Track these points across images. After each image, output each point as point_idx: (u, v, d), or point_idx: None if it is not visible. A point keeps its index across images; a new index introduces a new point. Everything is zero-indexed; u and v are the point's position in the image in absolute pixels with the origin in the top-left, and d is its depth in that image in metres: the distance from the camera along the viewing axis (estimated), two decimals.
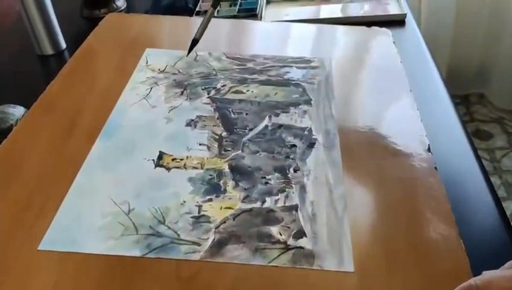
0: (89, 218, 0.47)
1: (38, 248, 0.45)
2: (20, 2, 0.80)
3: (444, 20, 1.85)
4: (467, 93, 2.08)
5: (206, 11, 0.90)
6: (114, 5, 0.97)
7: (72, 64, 0.71)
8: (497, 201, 0.52)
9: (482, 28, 1.90)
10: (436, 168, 0.54)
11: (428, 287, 0.42)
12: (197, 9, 0.92)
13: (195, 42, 0.62)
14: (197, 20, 0.85)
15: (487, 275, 0.35)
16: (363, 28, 0.80)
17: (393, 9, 0.91)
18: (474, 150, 0.59)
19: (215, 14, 0.88)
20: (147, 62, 0.71)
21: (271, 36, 0.80)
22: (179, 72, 0.69)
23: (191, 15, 0.91)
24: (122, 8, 0.98)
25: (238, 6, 0.92)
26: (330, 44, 0.77)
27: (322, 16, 0.91)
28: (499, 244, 0.48)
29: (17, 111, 0.64)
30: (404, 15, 0.89)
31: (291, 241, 0.46)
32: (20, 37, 0.86)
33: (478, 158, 0.58)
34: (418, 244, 0.45)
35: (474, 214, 0.51)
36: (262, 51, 0.74)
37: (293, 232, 0.46)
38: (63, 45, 0.85)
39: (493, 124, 1.97)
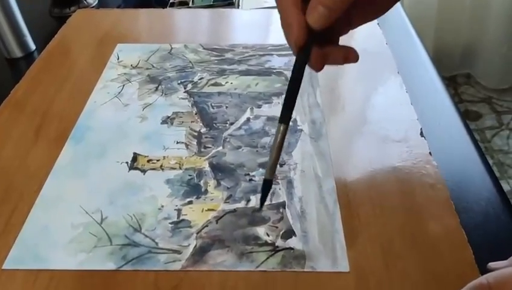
0: (58, 231, 0.43)
1: (3, 267, 0.40)
2: None
3: (428, 1, 1.82)
4: (454, 74, 2.06)
5: (180, 2, 0.86)
6: (85, 2, 0.92)
7: (39, 64, 0.67)
8: (497, 184, 0.49)
9: (466, 8, 1.87)
10: (430, 153, 0.50)
11: (431, 284, 0.39)
12: (170, 0, 0.88)
13: (268, 184, 0.37)
14: (171, 12, 0.82)
15: (500, 272, 0.32)
16: None
17: None
18: (469, 131, 0.56)
19: (190, 5, 0.84)
20: (118, 58, 0.66)
21: (250, 24, 0.76)
22: (153, 66, 0.65)
23: (164, 7, 0.86)
24: (94, 4, 0.93)
25: None
26: None
27: None
28: (503, 229, 0.44)
29: None
30: None
31: (279, 242, 0.42)
32: None
33: (473, 139, 0.54)
34: (417, 238, 0.42)
35: (475, 200, 0.47)
36: (242, 41, 0.70)
37: (281, 232, 0.43)
38: (32, 47, 0.80)
39: (482, 104, 1.94)
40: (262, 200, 0.38)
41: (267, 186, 0.37)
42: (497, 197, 0.46)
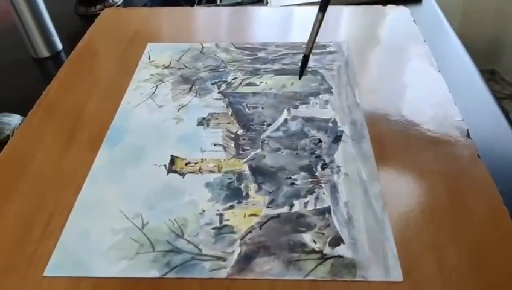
0: (99, 236, 0.42)
1: (44, 274, 0.40)
2: (11, 4, 0.74)
3: None
4: (479, 70, 2.01)
5: (208, 0, 0.85)
6: (110, 1, 0.92)
7: (69, 66, 0.66)
8: None
9: (492, 4, 1.84)
10: (479, 155, 0.48)
11: None
12: None
13: (306, 60, 0.55)
14: (200, 11, 0.80)
15: None
16: (379, 6, 0.74)
17: None
18: None
19: (218, 3, 0.83)
20: (149, 58, 0.65)
21: (280, 22, 0.74)
22: (185, 66, 0.63)
23: (192, 5, 0.85)
24: (119, 3, 0.92)
25: None
26: (345, 26, 0.71)
27: None
28: None
29: (13, 120, 0.59)
30: None
31: (327, 250, 0.40)
32: (14, 40, 0.81)
33: None
34: (472, 246, 0.40)
35: None
36: (273, 39, 0.69)
37: (328, 239, 0.41)
38: (59, 46, 0.80)
39: (507, 101, 1.90)
40: (302, 71, 0.55)
41: (305, 61, 0.56)
42: None
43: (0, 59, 0.79)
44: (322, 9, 0.54)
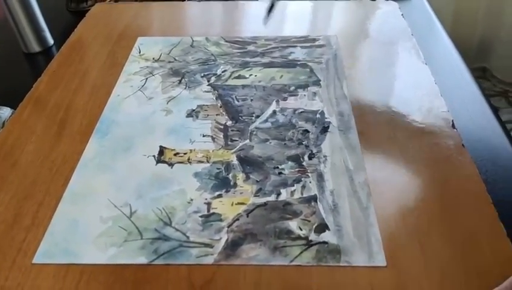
0: (87, 225, 0.43)
1: (33, 261, 0.40)
2: (3, 0, 0.74)
3: None
4: (470, 67, 2.03)
5: None
6: None
7: (60, 59, 0.66)
8: None
9: (482, 4, 1.85)
10: (463, 145, 0.49)
11: (471, 280, 0.38)
12: None
13: (272, 4, 0.58)
14: (190, 5, 0.81)
15: None
16: (368, 1, 0.75)
17: None
18: (501, 122, 0.54)
19: None
20: (139, 51, 0.66)
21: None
22: (175, 59, 0.64)
23: (183, 0, 0.86)
24: None
25: None
26: (334, 20, 0.72)
27: None
28: None
29: (3, 112, 0.59)
30: None
31: (313, 236, 0.41)
32: (5, 35, 0.81)
33: (506, 130, 0.53)
34: (455, 231, 0.41)
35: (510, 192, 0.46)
36: (263, 32, 0.69)
37: (314, 226, 0.42)
38: (50, 41, 0.80)
39: (498, 98, 1.92)
40: (268, 13, 0.57)
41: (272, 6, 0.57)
42: None
43: None
44: None
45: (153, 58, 0.64)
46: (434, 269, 0.38)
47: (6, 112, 0.59)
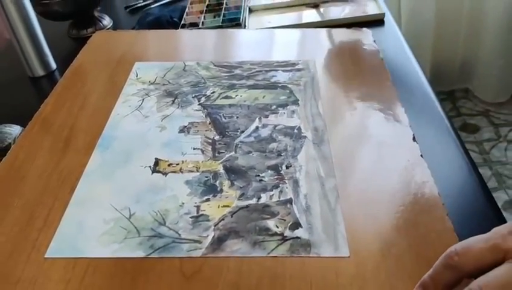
0: (92, 225, 0.49)
1: (45, 256, 0.46)
2: (10, 27, 0.82)
3: (425, 19, 1.89)
4: (452, 89, 2.12)
5: (191, 24, 0.93)
6: (101, 24, 1.00)
7: (64, 82, 0.73)
8: (486, 191, 0.54)
9: (463, 25, 1.94)
10: (421, 155, 0.56)
11: (421, 268, 0.44)
12: (182, 22, 0.95)
13: None
14: (183, 33, 0.88)
15: (465, 240, 0.37)
16: (344, 29, 0.83)
17: (371, 10, 0.94)
18: (461, 141, 0.61)
19: (200, 26, 0.91)
20: (137, 75, 0.73)
21: (256, 43, 0.82)
22: (169, 82, 0.71)
23: (176, 28, 0.93)
24: (109, 26, 1.00)
25: (222, 17, 0.94)
26: (313, 47, 0.79)
27: (304, 20, 0.94)
28: (485, 218, 0.50)
29: (14, 130, 0.65)
30: (383, 14, 0.92)
31: (288, 233, 0.48)
32: (11, 60, 0.88)
33: (465, 149, 0.59)
34: (410, 228, 0.47)
35: (464, 205, 0.53)
36: (249, 58, 0.76)
37: (289, 224, 0.48)
38: (53, 66, 0.87)
39: (480, 117, 2.00)
40: None
41: None
42: (485, 201, 0.52)
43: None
44: None
45: (149, 81, 0.71)
46: (390, 258, 0.45)
47: (16, 129, 0.66)
